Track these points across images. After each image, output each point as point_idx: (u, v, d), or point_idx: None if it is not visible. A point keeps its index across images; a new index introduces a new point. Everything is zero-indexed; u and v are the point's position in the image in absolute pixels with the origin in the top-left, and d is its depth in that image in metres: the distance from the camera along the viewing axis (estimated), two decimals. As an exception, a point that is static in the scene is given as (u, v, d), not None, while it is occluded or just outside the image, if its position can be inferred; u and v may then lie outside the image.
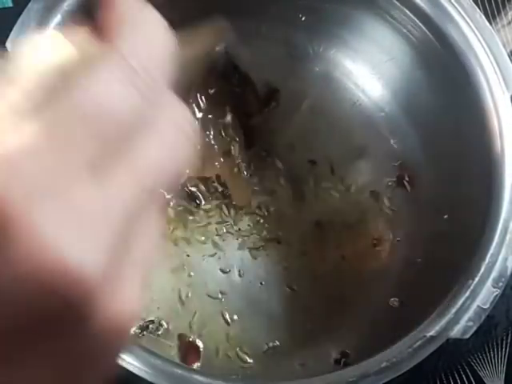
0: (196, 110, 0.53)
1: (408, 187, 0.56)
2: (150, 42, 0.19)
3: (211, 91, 0.54)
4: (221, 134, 0.54)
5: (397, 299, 0.51)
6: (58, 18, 0.42)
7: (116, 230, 0.17)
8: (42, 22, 0.42)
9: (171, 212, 0.52)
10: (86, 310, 0.17)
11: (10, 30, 0.41)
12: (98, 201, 0.17)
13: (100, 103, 0.17)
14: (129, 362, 0.37)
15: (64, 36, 0.19)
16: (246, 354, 0.50)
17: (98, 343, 0.18)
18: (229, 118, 0.54)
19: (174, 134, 0.19)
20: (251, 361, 0.50)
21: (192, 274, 0.51)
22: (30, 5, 0.42)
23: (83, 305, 0.17)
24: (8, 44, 0.41)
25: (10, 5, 0.55)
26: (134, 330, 0.47)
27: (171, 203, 0.52)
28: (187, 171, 0.20)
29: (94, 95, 0.17)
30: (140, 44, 0.19)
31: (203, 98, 0.53)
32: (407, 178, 0.56)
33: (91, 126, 0.17)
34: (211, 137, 0.54)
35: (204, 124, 0.53)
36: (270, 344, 0.51)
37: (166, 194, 0.19)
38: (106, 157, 0.17)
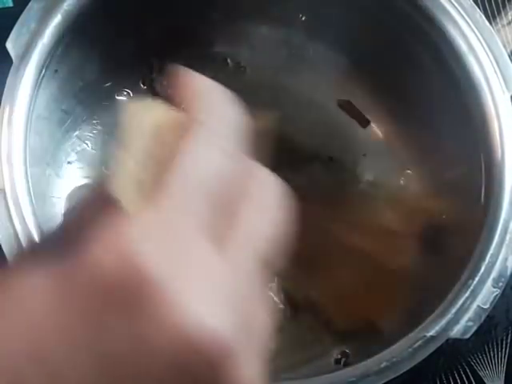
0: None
1: (408, 187, 0.56)
2: (224, 116, 0.20)
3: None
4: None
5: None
6: (58, 18, 0.42)
7: (238, 297, 0.18)
8: (42, 22, 0.42)
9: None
10: (216, 372, 0.18)
11: (10, 29, 0.41)
12: (222, 272, 0.18)
13: (207, 175, 0.18)
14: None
15: (158, 103, 0.20)
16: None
17: None
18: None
19: (268, 198, 0.20)
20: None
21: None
22: (29, 5, 0.42)
23: (215, 367, 0.17)
24: (8, 44, 0.41)
25: (10, 5, 0.55)
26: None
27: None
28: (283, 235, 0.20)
29: (198, 163, 0.18)
30: (217, 119, 0.20)
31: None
32: (407, 178, 0.56)
33: (201, 192, 0.18)
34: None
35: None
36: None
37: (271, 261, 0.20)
38: (220, 225, 0.18)
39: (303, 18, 0.55)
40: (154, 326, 0.17)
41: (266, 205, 0.20)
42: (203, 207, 0.18)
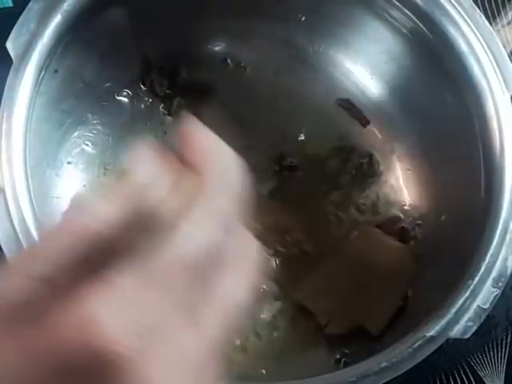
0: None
1: (408, 187, 0.56)
2: (229, 177, 0.21)
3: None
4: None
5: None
6: (58, 18, 0.42)
7: (205, 366, 0.19)
8: (42, 22, 0.42)
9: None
10: None
11: (10, 29, 0.41)
12: (195, 342, 0.19)
13: (196, 246, 0.19)
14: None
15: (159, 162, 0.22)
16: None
17: None
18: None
19: (248, 267, 0.21)
20: (251, 361, 0.50)
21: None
22: (29, 5, 0.42)
23: None
24: (8, 44, 0.41)
25: (10, 5, 0.55)
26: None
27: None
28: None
29: (191, 241, 0.19)
30: (221, 179, 0.21)
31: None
32: (407, 178, 0.56)
33: (185, 268, 0.19)
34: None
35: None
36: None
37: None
38: (195, 295, 0.19)
39: (303, 18, 0.55)
40: None
41: (242, 271, 0.21)
42: (182, 281, 0.19)
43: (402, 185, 0.56)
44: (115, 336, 0.17)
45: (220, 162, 0.22)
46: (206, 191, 0.21)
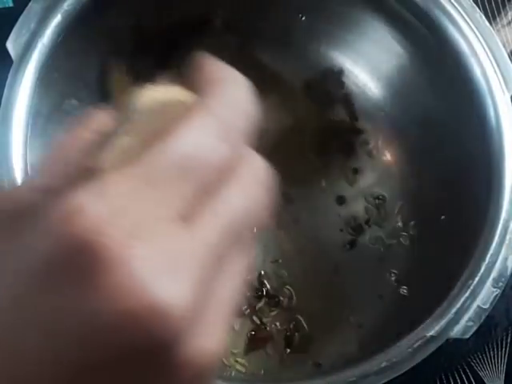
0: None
1: (408, 187, 0.56)
2: (235, 101, 0.20)
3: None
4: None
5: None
6: (57, 18, 0.42)
7: (202, 271, 0.18)
8: (42, 22, 0.42)
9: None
10: (168, 346, 0.17)
11: (10, 30, 0.41)
12: (186, 243, 0.17)
13: (194, 153, 0.18)
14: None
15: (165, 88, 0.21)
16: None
17: None
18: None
19: (255, 185, 0.20)
20: (251, 361, 0.50)
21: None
22: (29, 5, 0.42)
23: (167, 341, 0.17)
24: (8, 44, 0.41)
25: (10, 5, 0.55)
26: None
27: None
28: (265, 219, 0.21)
29: (189, 145, 0.18)
30: (226, 102, 0.20)
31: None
32: (407, 178, 0.56)
33: (184, 174, 0.18)
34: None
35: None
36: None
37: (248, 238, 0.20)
38: (194, 202, 0.18)
39: (303, 18, 0.55)
40: (104, 298, 0.16)
41: (249, 183, 0.20)
42: (178, 184, 0.18)
43: (401, 185, 0.56)
44: (100, 226, 0.16)
45: (230, 86, 0.20)
46: (206, 104, 0.19)
